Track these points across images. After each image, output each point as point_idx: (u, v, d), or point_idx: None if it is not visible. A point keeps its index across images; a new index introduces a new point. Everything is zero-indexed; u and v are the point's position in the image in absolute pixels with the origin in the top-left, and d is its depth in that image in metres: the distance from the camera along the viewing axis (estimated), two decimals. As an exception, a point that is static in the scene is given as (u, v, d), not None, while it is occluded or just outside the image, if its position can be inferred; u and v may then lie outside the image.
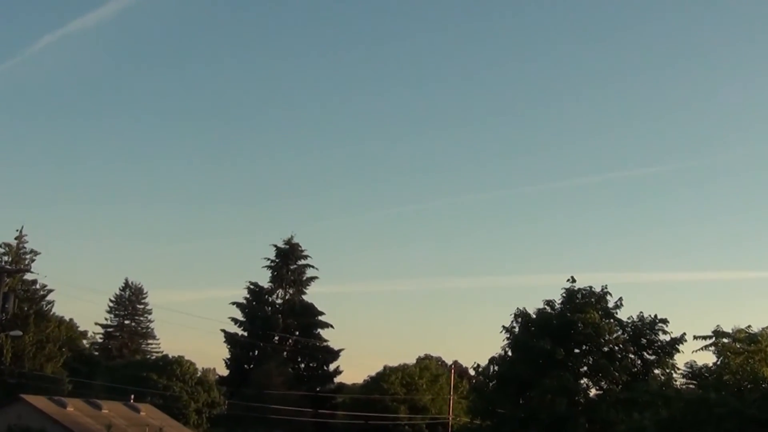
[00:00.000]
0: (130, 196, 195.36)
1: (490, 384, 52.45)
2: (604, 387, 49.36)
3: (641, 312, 50.74)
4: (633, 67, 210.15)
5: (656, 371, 48.61)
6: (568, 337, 49.31)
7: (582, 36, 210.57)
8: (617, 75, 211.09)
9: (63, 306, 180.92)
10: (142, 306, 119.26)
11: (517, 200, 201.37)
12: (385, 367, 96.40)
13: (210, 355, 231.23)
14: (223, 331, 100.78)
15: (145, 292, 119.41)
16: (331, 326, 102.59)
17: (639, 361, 49.79)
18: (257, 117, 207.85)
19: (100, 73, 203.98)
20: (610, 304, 51.05)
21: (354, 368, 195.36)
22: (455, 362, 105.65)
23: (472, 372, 66.11)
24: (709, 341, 37.03)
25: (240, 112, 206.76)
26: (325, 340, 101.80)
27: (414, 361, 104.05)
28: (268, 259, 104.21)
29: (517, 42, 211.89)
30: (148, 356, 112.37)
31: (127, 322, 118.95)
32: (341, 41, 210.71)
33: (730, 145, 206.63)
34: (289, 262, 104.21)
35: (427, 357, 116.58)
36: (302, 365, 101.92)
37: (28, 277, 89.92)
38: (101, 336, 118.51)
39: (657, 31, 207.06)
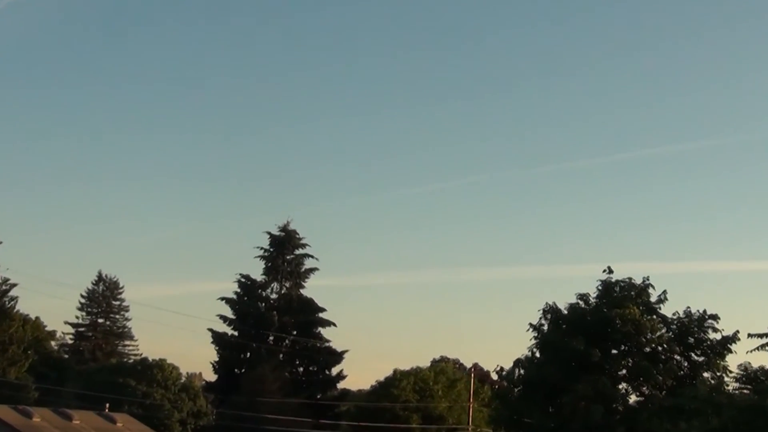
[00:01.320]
0: (102, 175, 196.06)
1: (516, 390, 52.59)
2: (646, 393, 49.43)
3: (688, 307, 50.82)
4: (668, 37, 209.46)
5: (705, 374, 48.67)
6: (605, 336, 49.34)
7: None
8: (650, 45, 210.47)
9: (28, 302, 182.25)
10: (117, 302, 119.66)
11: (547, 180, 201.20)
12: (395, 371, 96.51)
13: (195, 357, 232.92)
14: (211, 330, 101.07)
15: (121, 286, 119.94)
16: (334, 324, 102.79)
17: (686, 363, 49.85)
18: (247, 85, 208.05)
19: (69, 37, 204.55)
20: (653, 298, 51.08)
21: (360, 372, 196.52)
22: (475, 365, 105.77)
23: (494, 376, 66.26)
24: (765, 340, 37.01)
25: (226, 79, 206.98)
26: (327, 341, 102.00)
27: (428, 364, 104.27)
28: (261, 248, 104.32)
29: (543, 9, 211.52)
30: (125, 359, 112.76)
31: (100, 320, 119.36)
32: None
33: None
34: (285, 252, 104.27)
35: (443, 359, 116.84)
36: (301, 369, 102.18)
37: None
38: (72, 336, 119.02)
39: None
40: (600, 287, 51.40)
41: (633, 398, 50.08)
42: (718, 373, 48.21)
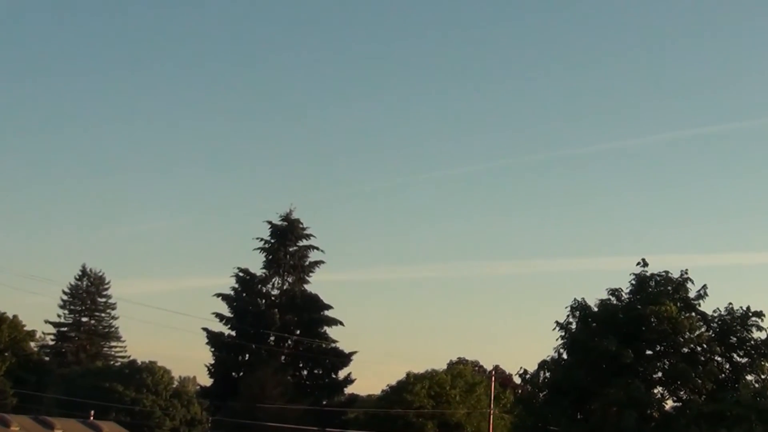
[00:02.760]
0: (87, 164, 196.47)
1: (541, 395, 52.72)
2: (684, 397, 49.55)
3: (730, 303, 50.83)
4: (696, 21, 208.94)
5: (749, 377, 48.75)
6: (639, 336, 49.46)
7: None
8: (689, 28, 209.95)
9: (5, 299, 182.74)
10: (103, 299, 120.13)
11: (573, 166, 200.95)
12: (408, 375, 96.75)
13: (189, 360, 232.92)
14: (205, 330, 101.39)
15: (106, 281, 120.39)
16: (341, 323, 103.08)
17: (727, 365, 49.93)
18: (242, 65, 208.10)
19: (55, 22, 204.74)
20: (692, 294, 51.12)
21: (369, 376, 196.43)
22: (496, 368, 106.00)
23: (517, 380, 66.39)
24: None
25: (219, 58, 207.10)
26: (334, 341, 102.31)
27: (444, 367, 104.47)
28: (261, 239, 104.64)
29: None
30: (112, 362, 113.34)
31: (84, 319, 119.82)
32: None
33: None
34: (287, 243, 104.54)
35: (461, 361, 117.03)
36: (305, 372, 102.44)
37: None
38: (53, 337, 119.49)
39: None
40: (633, 282, 51.47)
41: (669, 404, 50.18)
42: (763, 376, 48.30)
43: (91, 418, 79.94)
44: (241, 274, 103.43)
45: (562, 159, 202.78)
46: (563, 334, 51.78)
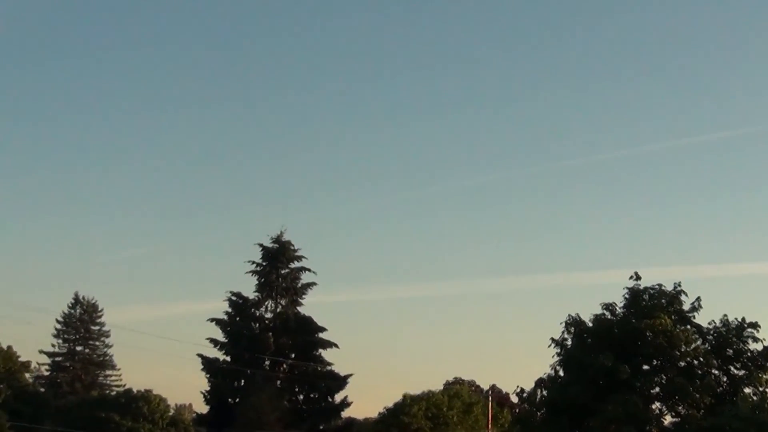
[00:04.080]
0: (77, 189, 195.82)
1: (538, 413, 52.40)
2: (682, 412, 49.21)
3: (725, 315, 50.59)
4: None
5: (747, 390, 48.43)
6: (635, 350, 49.15)
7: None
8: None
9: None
10: (97, 327, 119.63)
11: (564, 178, 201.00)
12: (405, 396, 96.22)
13: (185, 387, 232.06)
14: (200, 356, 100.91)
15: (100, 309, 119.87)
16: (336, 345, 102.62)
17: (725, 378, 49.64)
18: (235, 84, 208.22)
19: (40, 48, 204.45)
20: (686, 306, 50.89)
21: (366, 398, 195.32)
22: (493, 387, 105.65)
23: (514, 399, 66.12)
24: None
25: (212, 75, 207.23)
26: (329, 364, 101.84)
27: (441, 387, 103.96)
28: (253, 262, 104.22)
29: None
30: (107, 391, 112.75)
31: (79, 348, 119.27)
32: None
33: None
34: (279, 265, 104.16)
35: (458, 381, 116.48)
36: (301, 396, 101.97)
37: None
38: (48, 367, 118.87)
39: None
40: (627, 295, 51.22)
41: (668, 419, 49.86)
42: (761, 388, 48.01)
43: (87, 448, 79.63)
44: (234, 298, 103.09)
45: (554, 172, 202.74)
46: (559, 351, 51.51)
